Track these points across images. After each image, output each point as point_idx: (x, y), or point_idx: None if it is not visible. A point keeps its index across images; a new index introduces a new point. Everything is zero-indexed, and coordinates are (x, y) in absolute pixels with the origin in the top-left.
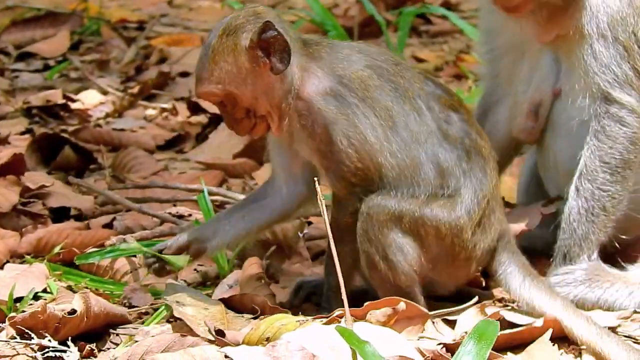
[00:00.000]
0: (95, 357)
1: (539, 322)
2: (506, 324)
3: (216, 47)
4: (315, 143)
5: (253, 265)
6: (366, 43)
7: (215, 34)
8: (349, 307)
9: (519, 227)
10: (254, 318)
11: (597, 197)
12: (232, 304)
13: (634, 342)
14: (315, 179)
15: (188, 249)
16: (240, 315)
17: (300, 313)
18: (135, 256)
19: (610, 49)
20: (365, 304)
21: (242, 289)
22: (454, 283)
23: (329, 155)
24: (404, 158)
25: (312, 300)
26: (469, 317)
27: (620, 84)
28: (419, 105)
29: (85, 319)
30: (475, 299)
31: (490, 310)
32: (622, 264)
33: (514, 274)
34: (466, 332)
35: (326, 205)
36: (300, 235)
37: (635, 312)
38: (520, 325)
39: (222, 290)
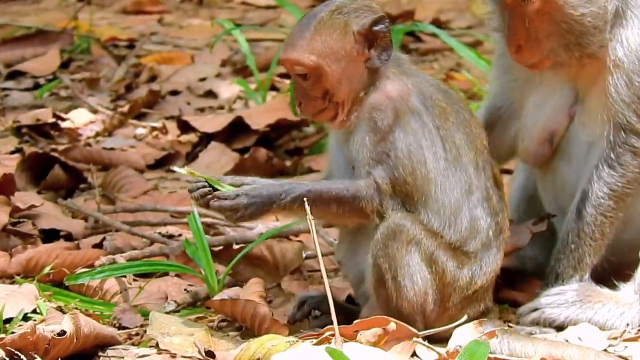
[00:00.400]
0: None
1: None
2: None
3: (325, 19)
4: (377, 139)
5: (256, 284)
6: (451, 88)
7: (324, 9)
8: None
9: (509, 245)
10: (240, 337)
11: (599, 222)
12: (233, 310)
13: None
14: (305, 199)
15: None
16: (225, 335)
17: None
18: (125, 276)
19: None
20: (355, 321)
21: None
22: (421, 327)
23: (383, 157)
24: (451, 198)
25: (312, 316)
26: (465, 332)
27: None
28: (478, 159)
29: (74, 340)
30: (465, 317)
31: (487, 327)
32: (615, 282)
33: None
34: (459, 347)
35: None
36: (304, 255)
37: (624, 331)
38: None
39: (222, 297)
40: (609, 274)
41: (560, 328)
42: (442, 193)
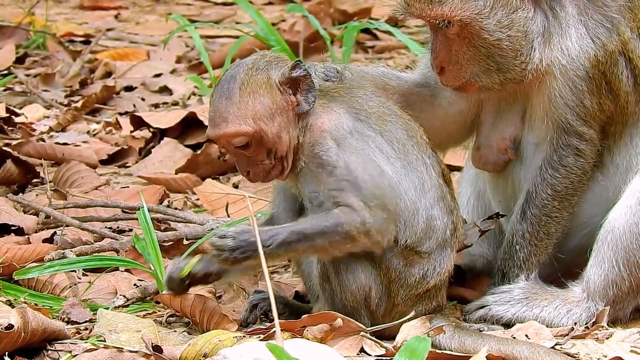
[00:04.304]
0: None
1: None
2: None
3: (246, 80)
4: (328, 171)
5: None
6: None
7: (240, 70)
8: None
9: (458, 244)
10: (188, 332)
11: (543, 222)
12: (183, 305)
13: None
14: (247, 196)
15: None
16: (173, 330)
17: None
18: (75, 271)
19: (584, 85)
20: (303, 317)
21: None
22: (367, 322)
23: (343, 184)
24: (406, 200)
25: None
26: (413, 328)
27: (585, 117)
28: (423, 155)
29: (22, 334)
30: (412, 313)
31: (436, 322)
32: (564, 281)
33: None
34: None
35: None
36: None
37: (572, 329)
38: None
39: None
40: (559, 273)
41: (507, 326)
42: (403, 195)
